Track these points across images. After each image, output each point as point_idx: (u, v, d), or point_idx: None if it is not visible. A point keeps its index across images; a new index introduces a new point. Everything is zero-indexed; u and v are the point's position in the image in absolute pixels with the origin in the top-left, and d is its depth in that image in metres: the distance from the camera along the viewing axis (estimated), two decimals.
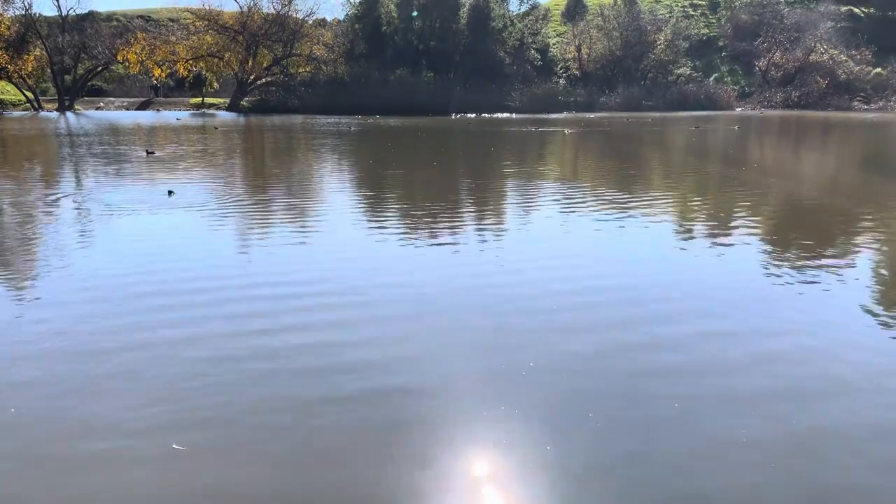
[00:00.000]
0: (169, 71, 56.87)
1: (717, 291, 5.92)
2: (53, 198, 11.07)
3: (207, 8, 54.44)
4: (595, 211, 9.95)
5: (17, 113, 48.54)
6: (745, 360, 4.36)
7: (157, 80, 59.14)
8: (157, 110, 52.31)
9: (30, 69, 52.38)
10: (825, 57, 60.98)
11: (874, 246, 7.75)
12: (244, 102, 52.54)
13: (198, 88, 59.10)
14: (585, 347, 4.58)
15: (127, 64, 54.49)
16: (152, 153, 18.29)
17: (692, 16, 72.18)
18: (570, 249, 7.65)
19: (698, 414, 3.67)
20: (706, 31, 70.29)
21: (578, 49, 64.13)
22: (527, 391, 3.93)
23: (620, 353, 4.49)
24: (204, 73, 57.63)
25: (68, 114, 47.28)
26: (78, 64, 54.94)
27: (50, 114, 47.02)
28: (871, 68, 60.46)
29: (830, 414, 3.70)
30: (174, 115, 44.09)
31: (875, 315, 5.32)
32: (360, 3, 56.02)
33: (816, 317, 5.27)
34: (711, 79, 63.93)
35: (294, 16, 55.19)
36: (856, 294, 5.83)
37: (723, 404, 3.78)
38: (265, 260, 7.07)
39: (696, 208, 10.58)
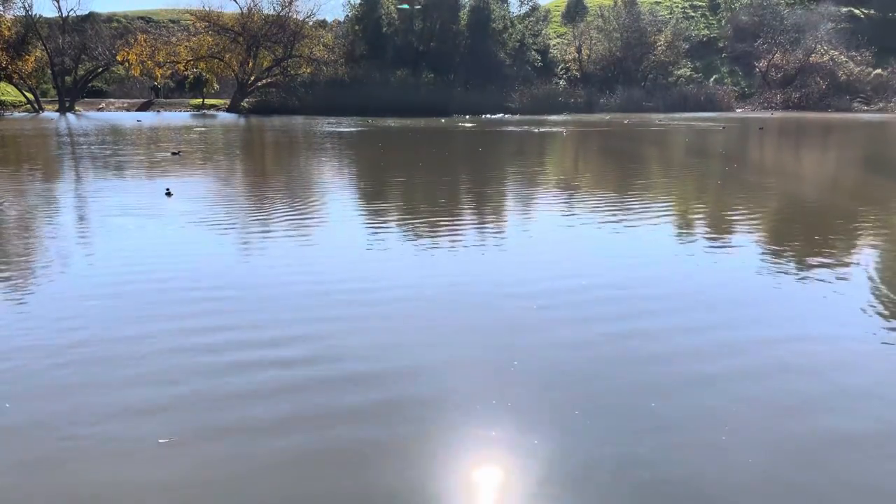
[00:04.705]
0: (170, 72, 56.82)
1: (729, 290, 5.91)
2: (53, 199, 11.07)
3: (207, 9, 54.47)
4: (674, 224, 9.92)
5: (17, 114, 48.54)
6: (743, 359, 4.36)
7: (157, 81, 59.13)
8: (158, 111, 52.29)
9: (30, 70, 52.32)
10: (825, 58, 60.86)
11: None
12: (244, 103, 52.47)
13: (198, 89, 59.01)
14: (579, 345, 4.57)
15: (127, 65, 54.42)
16: (177, 154, 18.41)
17: (692, 17, 72.11)
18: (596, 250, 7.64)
19: (685, 409, 3.66)
20: (706, 32, 70.21)
21: (578, 50, 64.06)
22: (517, 386, 3.93)
23: (615, 351, 4.49)
24: (204, 74, 57.55)
25: (69, 115, 47.27)
26: (78, 65, 54.85)
27: (50, 115, 47.01)
28: (871, 69, 60.34)
29: (827, 404, 3.70)
30: (136, 116, 44.14)
31: (875, 310, 5.31)
32: (360, 4, 55.97)
33: (816, 315, 5.28)
34: (712, 80, 63.85)
35: (294, 17, 55.11)
36: (857, 289, 5.83)
37: (710, 399, 3.78)
38: (257, 261, 7.08)
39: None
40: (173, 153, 18.59)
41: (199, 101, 57.12)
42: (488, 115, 47.48)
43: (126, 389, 3.84)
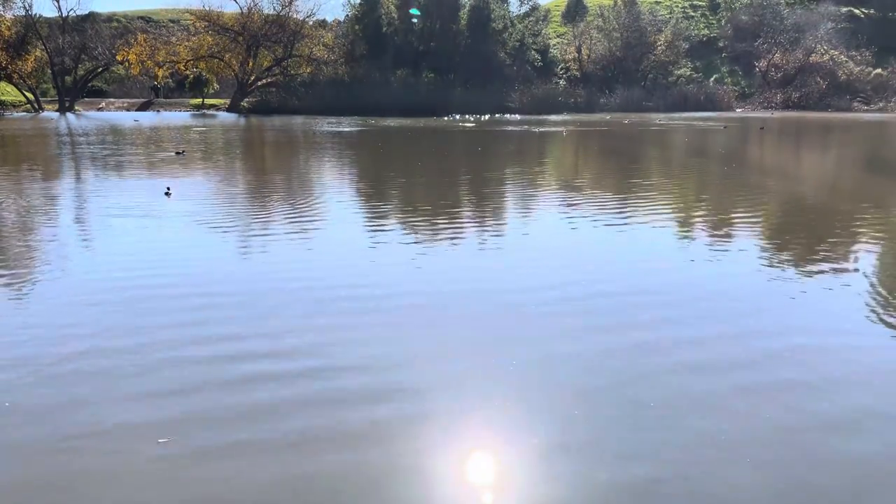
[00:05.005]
0: (170, 72, 56.84)
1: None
2: (53, 199, 11.05)
3: (207, 9, 54.47)
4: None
5: (17, 114, 48.52)
6: (739, 360, 4.34)
7: (157, 81, 59.14)
8: (158, 111, 52.32)
9: (30, 70, 52.34)
10: (825, 58, 60.87)
11: None
12: (244, 103, 52.45)
13: (198, 89, 59.02)
14: (574, 347, 4.55)
15: (127, 65, 54.43)
16: (181, 153, 18.38)
17: (692, 17, 72.11)
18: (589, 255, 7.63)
19: (679, 412, 3.65)
20: (706, 31, 70.21)
21: (578, 50, 64.07)
22: (513, 387, 3.92)
23: (612, 352, 4.47)
24: (204, 74, 57.55)
25: (69, 115, 47.25)
26: (78, 65, 54.86)
27: (50, 115, 46.98)
28: (871, 69, 60.34)
29: (825, 407, 3.69)
30: (134, 116, 44.28)
31: (875, 313, 5.30)
32: (360, 4, 55.95)
33: (817, 318, 5.27)
34: (712, 79, 63.87)
35: (294, 17, 55.13)
36: (857, 292, 5.82)
37: (704, 401, 3.76)
38: (257, 265, 7.07)
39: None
40: (177, 153, 18.56)
41: (199, 100, 57.13)
42: (485, 117, 47.43)
43: (125, 403, 3.81)
